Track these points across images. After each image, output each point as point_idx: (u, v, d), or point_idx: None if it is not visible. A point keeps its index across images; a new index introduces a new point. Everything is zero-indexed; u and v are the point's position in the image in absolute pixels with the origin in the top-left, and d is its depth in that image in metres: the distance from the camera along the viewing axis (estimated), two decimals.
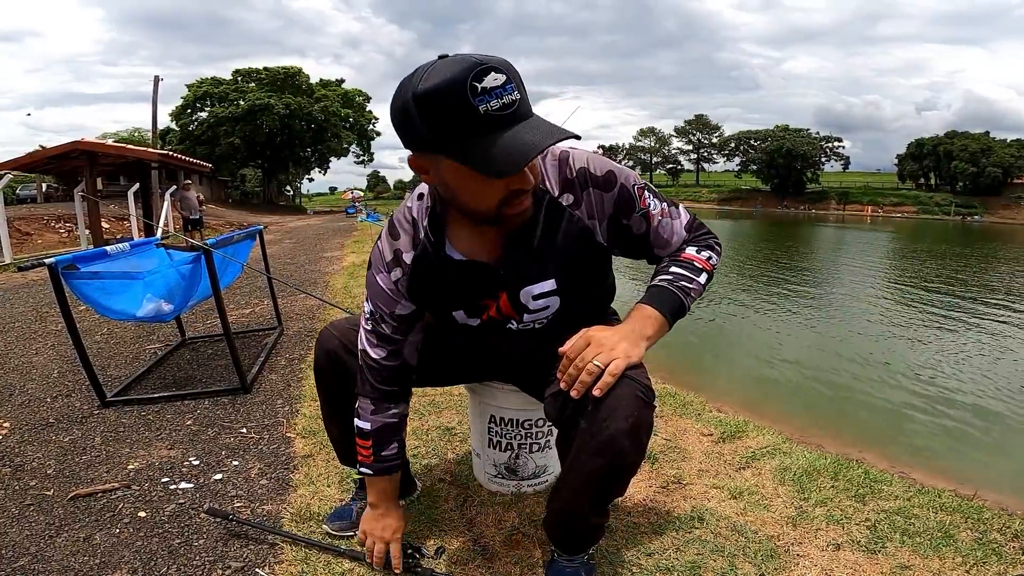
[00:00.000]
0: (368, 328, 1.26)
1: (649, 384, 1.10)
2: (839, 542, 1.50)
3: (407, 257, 1.17)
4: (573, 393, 1.06)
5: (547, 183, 1.10)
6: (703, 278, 1.17)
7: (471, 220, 1.07)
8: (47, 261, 2.21)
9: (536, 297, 1.18)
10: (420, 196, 1.16)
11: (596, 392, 1.04)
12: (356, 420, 1.34)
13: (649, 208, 1.16)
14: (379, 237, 1.22)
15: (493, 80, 0.84)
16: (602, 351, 1.06)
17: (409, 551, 1.37)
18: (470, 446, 1.87)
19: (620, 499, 1.64)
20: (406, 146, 0.96)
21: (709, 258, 1.20)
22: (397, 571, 1.33)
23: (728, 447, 2.11)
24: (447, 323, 1.27)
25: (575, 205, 1.12)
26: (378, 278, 1.21)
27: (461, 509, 1.65)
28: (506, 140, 0.86)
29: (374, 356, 1.26)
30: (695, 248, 1.20)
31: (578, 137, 0.92)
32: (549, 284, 1.17)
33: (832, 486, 1.80)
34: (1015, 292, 9.74)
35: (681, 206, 1.24)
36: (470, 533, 1.53)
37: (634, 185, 1.14)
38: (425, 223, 1.14)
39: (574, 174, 1.11)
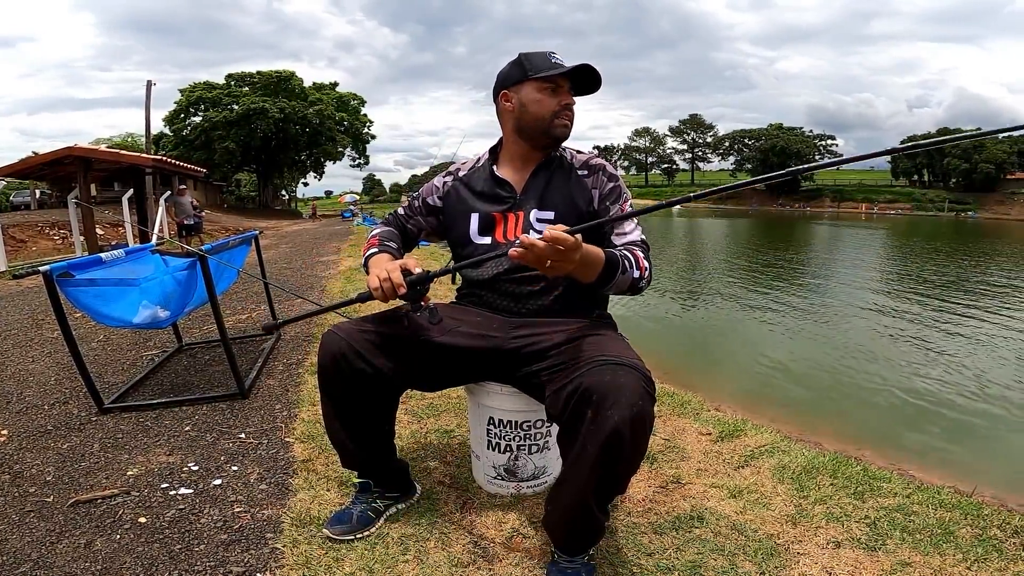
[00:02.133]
0: (405, 205, 1.76)
1: (650, 376, 1.24)
2: (839, 540, 1.51)
3: (461, 172, 1.69)
4: (512, 252, 1.19)
5: (573, 160, 1.61)
6: (636, 275, 1.40)
7: (521, 150, 1.59)
8: (42, 268, 2.20)
9: (539, 220, 1.54)
10: (484, 153, 1.71)
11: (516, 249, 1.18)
12: (369, 237, 1.65)
13: (626, 207, 1.56)
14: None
15: (560, 57, 1.51)
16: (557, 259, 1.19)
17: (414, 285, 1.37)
18: (469, 448, 1.87)
19: (620, 498, 1.65)
20: (502, 87, 1.57)
21: (647, 268, 1.44)
22: (401, 291, 1.35)
23: (727, 446, 2.12)
24: (464, 245, 1.60)
25: (586, 177, 1.59)
26: (435, 179, 1.74)
27: (461, 511, 1.65)
28: (562, 68, 1.49)
29: (399, 210, 1.77)
30: (643, 254, 1.47)
31: (597, 77, 1.53)
32: (549, 214, 1.54)
33: (831, 484, 1.81)
34: (1014, 289, 9.78)
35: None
36: (470, 535, 1.53)
37: (624, 194, 1.58)
38: (486, 154, 1.68)
39: (593, 163, 1.61)
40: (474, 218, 1.59)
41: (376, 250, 1.57)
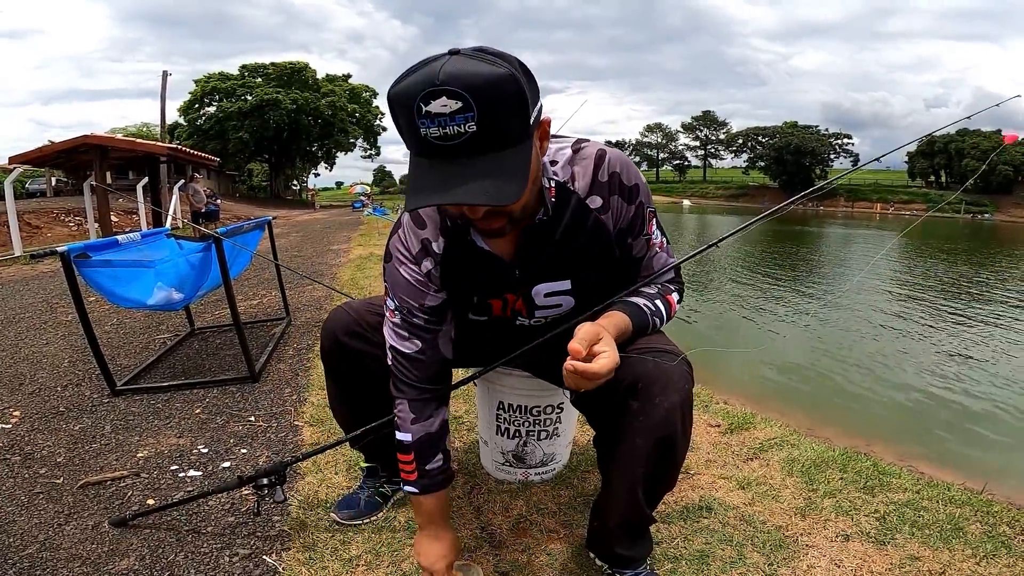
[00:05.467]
0: (396, 322, 1.17)
1: (687, 357, 1.13)
2: (848, 533, 1.49)
3: (436, 246, 1.11)
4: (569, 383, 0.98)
5: (576, 183, 1.08)
6: (663, 326, 1.20)
7: None
8: (59, 249, 2.22)
9: (548, 295, 1.16)
10: None
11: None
12: (396, 433, 1.21)
13: (652, 236, 1.16)
14: (396, 230, 1.16)
15: (441, 106, 0.78)
16: (606, 365, 0.95)
17: None
18: (477, 434, 1.87)
19: None
20: None
21: (677, 309, 1.23)
22: None
23: (735, 438, 2.11)
24: (458, 318, 1.24)
25: (602, 210, 1.09)
26: (401, 270, 1.14)
27: (468, 497, 1.65)
28: (421, 178, 0.84)
29: (406, 350, 1.17)
30: (678, 296, 1.22)
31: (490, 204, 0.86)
32: (564, 284, 1.15)
33: (841, 478, 1.79)
34: None
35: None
36: (477, 521, 1.54)
37: (648, 208, 1.14)
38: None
39: (606, 177, 1.08)
40: (473, 301, 1.20)
41: (416, 488, 1.21)
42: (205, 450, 1.97)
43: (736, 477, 1.78)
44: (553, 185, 1.06)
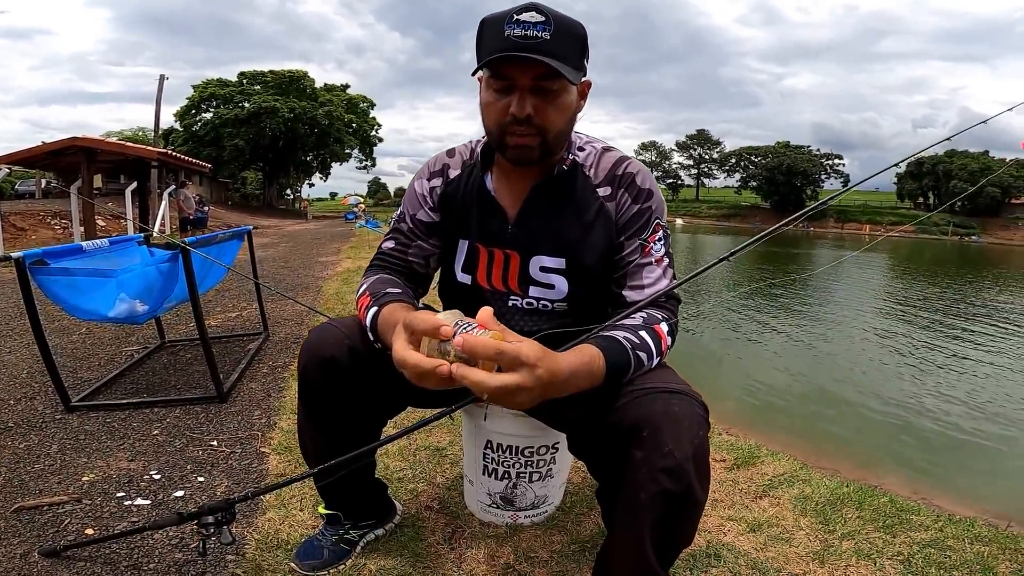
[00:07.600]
0: (391, 227, 1.29)
1: (705, 404, 0.99)
2: None
3: (451, 172, 1.24)
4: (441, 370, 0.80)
5: (592, 170, 1.16)
6: (654, 363, 1.03)
7: (507, 162, 1.13)
8: (14, 255, 2.05)
9: (543, 269, 1.16)
10: (483, 137, 1.20)
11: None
12: (357, 292, 1.20)
13: (652, 246, 1.13)
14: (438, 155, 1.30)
15: (529, 16, 0.97)
16: (515, 398, 0.81)
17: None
18: (462, 470, 1.69)
19: None
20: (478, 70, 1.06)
21: (670, 345, 1.08)
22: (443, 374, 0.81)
23: (743, 474, 1.95)
24: (447, 281, 1.29)
25: (609, 198, 1.14)
26: (415, 184, 1.27)
27: (449, 542, 1.48)
28: (502, 52, 0.98)
29: (385, 247, 1.27)
30: (668, 327, 1.07)
31: (568, 80, 1.00)
32: (559, 262, 1.15)
33: (858, 517, 1.67)
34: None
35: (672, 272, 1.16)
36: (459, 570, 1.37)
37: (657, 219, 1.15)
38: (479, 149, 1.21)
39: (620, 173, 1.15)
40: (462, 246, 1.22)
41: (375, 307, 1.08)
42: (158, 476, 1.79)
43: (746, 519, 1.63)
44: (571, 158, 1.15)
